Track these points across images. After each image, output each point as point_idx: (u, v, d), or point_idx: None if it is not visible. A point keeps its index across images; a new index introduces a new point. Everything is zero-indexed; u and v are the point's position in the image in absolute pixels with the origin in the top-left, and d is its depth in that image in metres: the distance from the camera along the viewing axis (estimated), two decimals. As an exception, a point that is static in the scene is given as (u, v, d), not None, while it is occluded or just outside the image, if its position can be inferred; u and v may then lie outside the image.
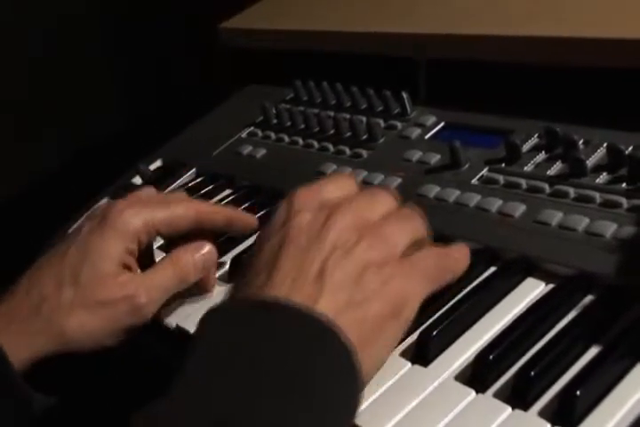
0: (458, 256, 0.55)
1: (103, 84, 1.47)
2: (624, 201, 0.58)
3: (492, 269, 0.59)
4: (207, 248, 0.64)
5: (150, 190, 0.69)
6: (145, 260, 0.64)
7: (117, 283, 0.59)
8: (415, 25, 0.89)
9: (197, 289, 0.65)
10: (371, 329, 0.47)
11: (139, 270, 0.63)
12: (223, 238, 0.70)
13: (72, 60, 1.42)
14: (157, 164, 0.95)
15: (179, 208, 0.64)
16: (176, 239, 0.65)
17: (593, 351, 0.48)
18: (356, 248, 0.49)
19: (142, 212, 0.62)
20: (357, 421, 0.48)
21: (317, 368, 0.43)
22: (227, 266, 0.69)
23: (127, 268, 0.61)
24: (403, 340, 0.53)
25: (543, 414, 0.45)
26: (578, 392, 0.44)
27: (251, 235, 0.70)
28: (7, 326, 0.57)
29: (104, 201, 0.89)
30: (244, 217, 0.68)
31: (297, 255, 0.49)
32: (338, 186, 0.56)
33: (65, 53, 1.42)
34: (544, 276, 0.57)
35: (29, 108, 1.35)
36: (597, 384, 0.45)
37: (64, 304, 0.58)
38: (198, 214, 0.64)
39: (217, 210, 0.67)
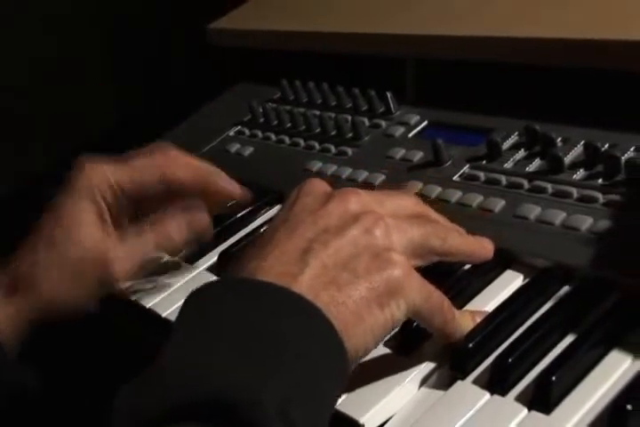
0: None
1: (93, 84, 1.48)
2: (600, 196, 0.59)
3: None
4: (197, 215, 0.63)
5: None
6: (120, 221, 0.63)
7: (90, 244, 0.59)
8: (403, 26, 0.90)
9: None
10: (352, 312, 0.45)
11: (114, 232, 0.62)
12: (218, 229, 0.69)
13: (62, 61, 1.43)
14: (146, 162, 0.95)
15: (139, 161, 0.62)
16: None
17: (568, 340, 0.50)
18: (349, 231, 0.48)
19: (102, 167, 0.62)
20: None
21: (283, 330, 0.42)
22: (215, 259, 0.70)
23: (102, 229, 0.61)
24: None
25: (520, 399, 0.47)
26: (553, 378, 0.46)
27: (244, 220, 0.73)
28: None
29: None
30: (224, 182, 0.65)
31: (287, 235, 0.48)
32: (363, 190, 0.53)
33: (53, 54, 1.43)
34: (522, 268, 0.59)
35: (17, 108, 1.36)
36: (572, 371, 0.47)
37: (38, 263, 0.59)
38: (160, 168, 0.62)
39: (188, 165, 0.63)
